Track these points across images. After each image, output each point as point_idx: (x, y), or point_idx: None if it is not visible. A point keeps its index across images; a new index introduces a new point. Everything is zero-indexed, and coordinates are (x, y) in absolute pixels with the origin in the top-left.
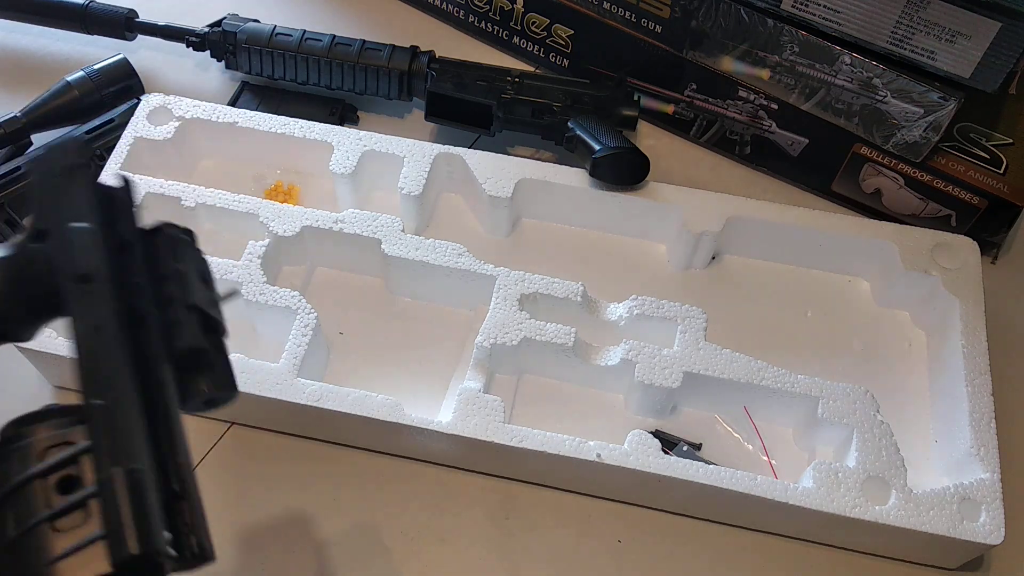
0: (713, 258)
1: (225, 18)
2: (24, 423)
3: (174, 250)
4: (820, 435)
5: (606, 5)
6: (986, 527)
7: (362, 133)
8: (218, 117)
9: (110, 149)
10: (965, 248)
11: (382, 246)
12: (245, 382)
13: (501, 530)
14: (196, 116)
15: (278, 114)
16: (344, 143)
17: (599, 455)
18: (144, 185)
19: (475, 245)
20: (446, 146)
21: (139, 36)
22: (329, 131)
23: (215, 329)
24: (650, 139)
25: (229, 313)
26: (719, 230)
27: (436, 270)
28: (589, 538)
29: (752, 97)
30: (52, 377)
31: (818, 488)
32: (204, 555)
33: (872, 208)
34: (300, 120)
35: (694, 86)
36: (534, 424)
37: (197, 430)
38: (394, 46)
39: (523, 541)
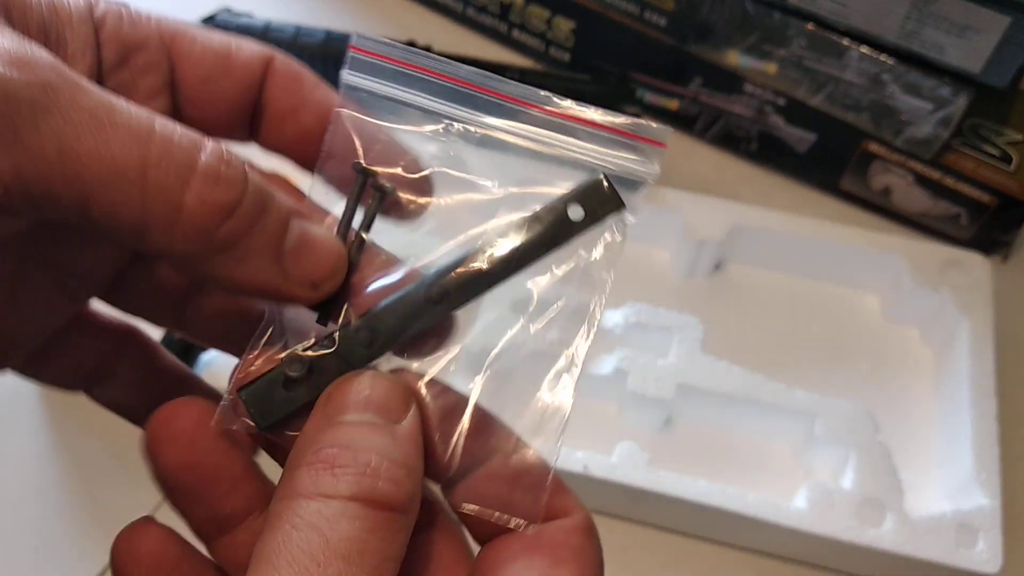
0: (717, 266)
1: (218, 13)
2: None
3: None
4: (817, 454)
5: None
6: (983, 555)
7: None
8: None
9: None
10: (976, 265)
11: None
12: None
13: None
14: None
15: None
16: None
17: (586, 467)
18: None
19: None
20: None
21: None
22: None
23: None
24: None
25: None
26: (722, 238)
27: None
28: None
29: (758, 92)
30: None
31: (811, 509)
32: None
33: (881, 207)
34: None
35: (699, 81)
36: None
37: None
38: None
39: None
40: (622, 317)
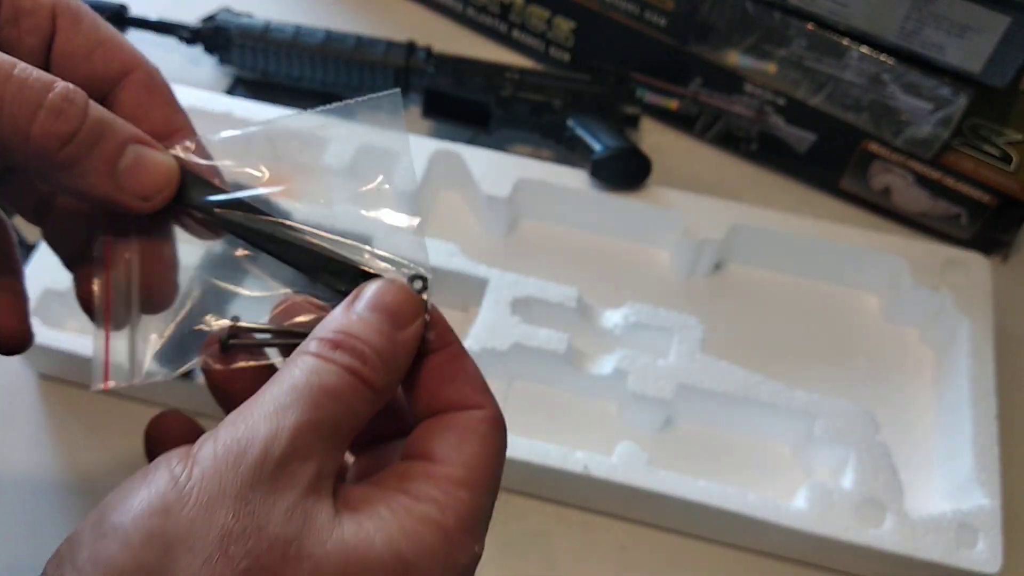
0: (717, 266)
1: (218, 13)
2: None
3: None
4: (817, 454)
5: None
6: (983, 555)
7: (358, 127)
8: (213, 107)
9: None
10: (976, 265)
11: (373, 243)
12: None
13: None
14: (191, 105)
15: None
16: (339, 136)
17: (586, 467)
18: None
19: (471, 245)
20: (444, 141)
21: (130, 30)
22: (324, 124)
23: None
24: (653, 136)
25: None
26: (722, 238)
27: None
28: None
29: (758, 92)
30: (37, 365)
31: (811, 509)
32: None
33: (881, 207)
34: (295, 112)
35: (699, 81)
36: (524, 432)
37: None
38: (390, 41)
39: (522, 550)
40: (622, 317)
